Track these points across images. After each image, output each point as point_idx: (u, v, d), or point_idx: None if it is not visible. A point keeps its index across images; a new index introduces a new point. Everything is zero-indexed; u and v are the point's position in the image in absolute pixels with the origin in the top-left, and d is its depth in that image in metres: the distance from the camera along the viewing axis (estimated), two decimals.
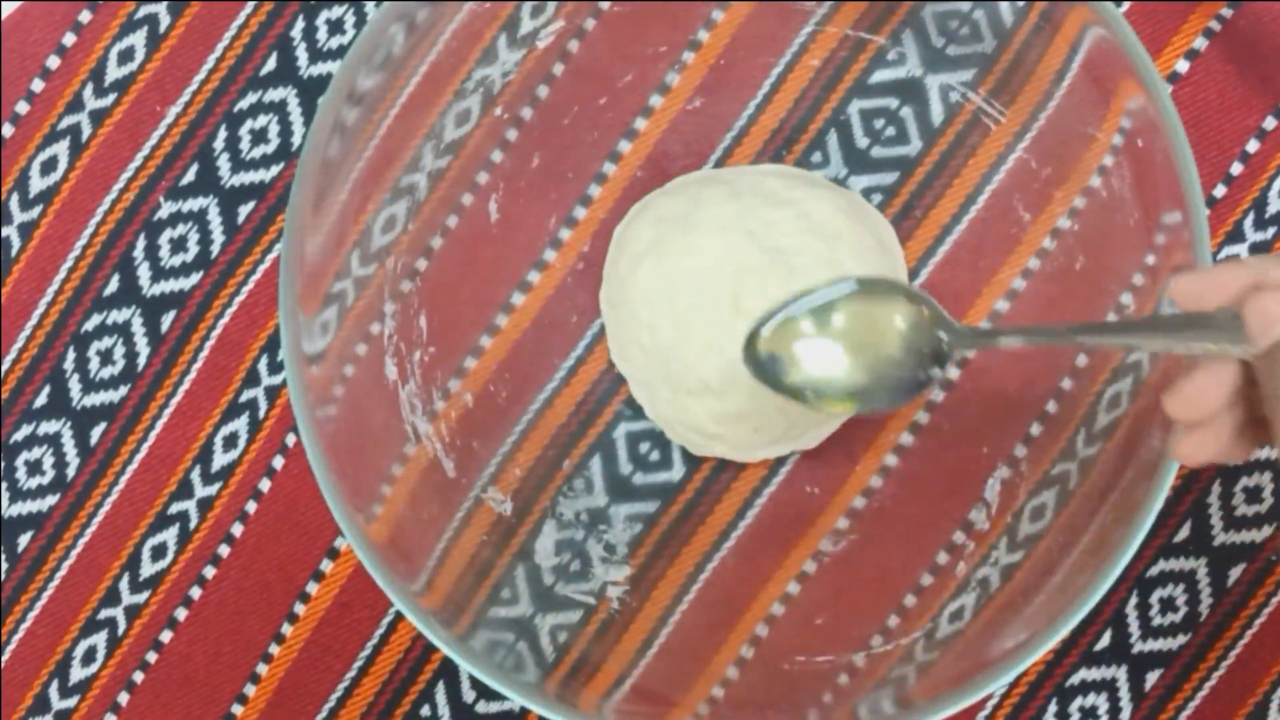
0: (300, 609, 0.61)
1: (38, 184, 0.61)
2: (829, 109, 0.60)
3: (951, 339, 0.52)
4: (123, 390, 0.61)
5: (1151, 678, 0.60)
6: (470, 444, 0.59)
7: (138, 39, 0.61)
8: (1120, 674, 0.60)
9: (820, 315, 0.52)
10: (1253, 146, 0.59)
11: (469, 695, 0.61)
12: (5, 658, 0.62)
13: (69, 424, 0.62)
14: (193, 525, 0.61)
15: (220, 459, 0.61)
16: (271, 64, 0.61)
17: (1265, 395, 0.43)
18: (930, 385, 0.52)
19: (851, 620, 0.58)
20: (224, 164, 0.61)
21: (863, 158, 0.60)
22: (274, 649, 0.61)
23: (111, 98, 0.61)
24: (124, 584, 0.62)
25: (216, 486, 0.61)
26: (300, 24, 0.61)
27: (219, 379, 0.61)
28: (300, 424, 0.51)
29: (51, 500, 0.62)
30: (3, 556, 0.62)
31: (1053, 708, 0.60)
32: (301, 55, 0.61)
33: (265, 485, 0.61)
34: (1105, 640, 0.60)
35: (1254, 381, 0.44)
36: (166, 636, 0.62)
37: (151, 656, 0.62)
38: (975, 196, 0.59)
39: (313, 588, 0.61)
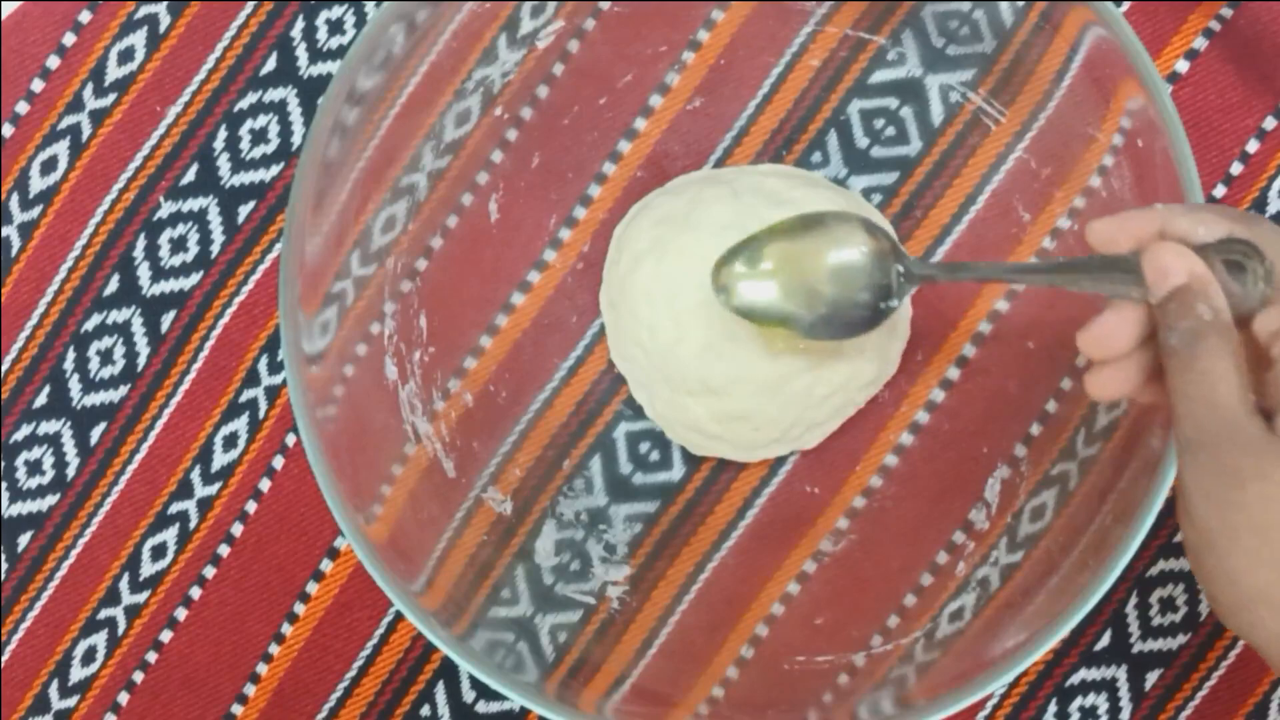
0: (300, 609, 0.61)
1: (38, 184, 0.61)
2: (829, 109, 0.60)
3: (906, 270, 0.53)
4: (123, 390, 0.61)
5: (1151, 678, 0.60)
6: (470, 444, 0.59)
7: (138, 39, 0.61)
8: (1120, 674, 0.60)
9: (781, 246, 0.54)
10: (1253, 146, 0.59)
11: (469, 695, 0.61)
12: (5, 658, 0.62)
13: (69, 424, 0.62)
14: (193, 525, 0.61)
15: (220, 459, 0.61)
16: (271, 64, 0.61)
17: (1160, 342, 0.45)
18: (887, 316, 0.54)
19: (851, 620, 0.58)
20: (224, 164, 0.61)
21: (863, 158, 0.60)
22: (274, 649, 0.61)
23: (111, 98, 0.61)
24: (124, 584, 0.62)
25: (216, 486, 0.61)
26: (300, 24, 0.61)
27: (219, 379, 0.61)
28: (300, 424, 0.51)
29: (51, 500, 0.62)
30: (3, 556, 0.62)
31: (1053, 708, 0.60)
32: (301, 55, 0.61)
33: (265, 485, 0.61)
34: (1105, 640, 0.60)
35: None
36: (166, 636, 0.62)
37: (151, 656, 0.62)
38: (975, 196, 0.59)
39: (313, 588, 0.61)
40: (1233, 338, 0.44)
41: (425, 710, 0.61)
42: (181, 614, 0.62)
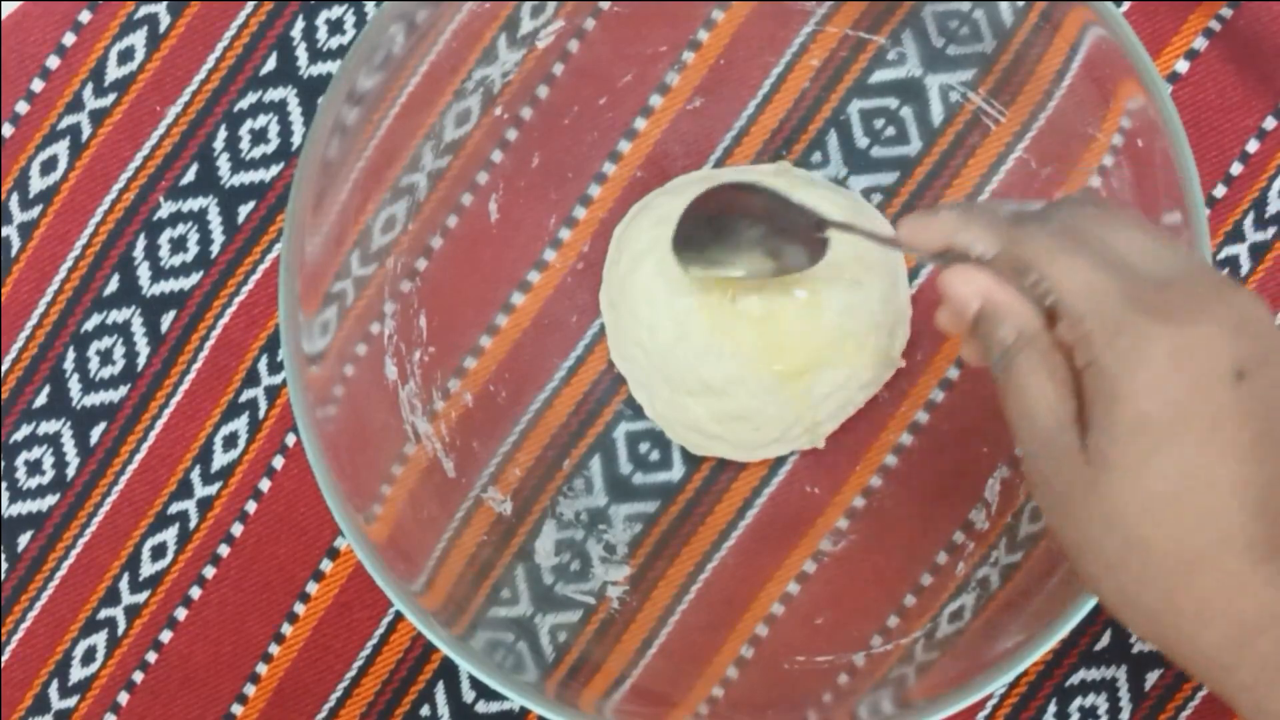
0: (300, 609, 0.61)
1: (38, 184, 0.61)
2: (829, 109, 0.60)
3: (813, 217, 0.53)
4: (123, 390, 0.61)
5: (1151, 677, 0.60)
6: (470, 444, 0.59)
7: (138, 39, 0.61)
8: (1120, 674, 0.60)
9: (709, 222, 0.55)
10: (1253, 146, 0.59)
11: (469, 695, 0.61)
12: (5, 658, 0.62)
13: (69, 424, 0.62)
14: (193, 525, 0.61)
15: (220, 459, 0.61)
16: (271, 64, 0.61)
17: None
18: (825, 248, 0.53)
19: (851, 620, 0.58)
20: (224, 164, 0.61)
21: (863, 158, 0.60)
22: (274, 649, 0.61)
23: (111, 98, 0.61)
24: (124, 584, 0.62)
25: (216, 486, 0.61)
26: (300, 24, 0.61)
27: (219, 379, 0.61)
28: (300, 424, 0.51)
29: (51, 500, 0.62)
30: (3, 556, 0.62)
31: (1052, 708, 0.60)
32: (301, 55, 0.61)
33: (265, 485, 0.61)
34: (1105, 640, 0.60)
35: None
36: (166, 636, 0.62)
37: (151, 656, 0.62)
38: (975, 196, 0.59)
39: (313, 588, 0.61)
40: (1044, 347, 0.43)
41: (425, 710, 0.61)
42: (181, 614, 0.62)
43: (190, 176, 0.61)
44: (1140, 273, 0.42)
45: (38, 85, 0.61)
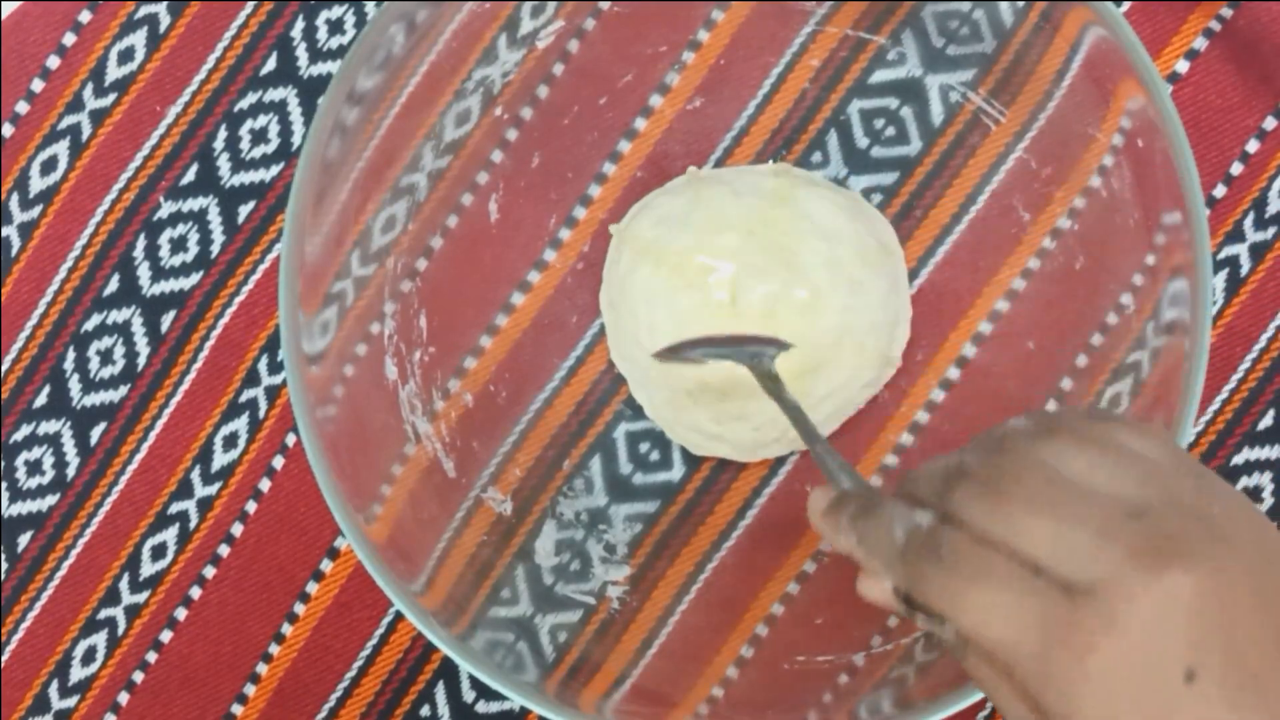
0: (300, 609, 0.61)
1: (38, 184, 0.62)
2: (829, 109, 0.60)
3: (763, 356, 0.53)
4: (123, 390, 0.61)
5: None
6: (470, 444, 0.59)
7: (138, 39, 0.61)
8: None
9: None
10: (1253, 146, 0.59)
11: (469, 695, 0.61)
12: (5, 658, 0.62)
13: (69, 424, 0.62)
14: (193, 525, 0.61)
15: (220, 459, 0.61)
16: (271, 64, 0.61)
17: None
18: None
19: (851, 620, 0.58)
20: (224, 164, 0.61)
21: (863, 158, 0.60)
22: (274, 649, 0.61)
23: (111, 98, 0.61)
24: (124, 584, 0.62)
25: (216, 486, 0.61)
26: (300, 24, 0.61)
27: (219, 379, 0.61)
28: (300, 424, 0.51)
29: (51, 500, 0.62)
30: (3, 556, 0.62)
31: None
32: (301, 55, 0.61)
33: (265, 485, 0.61)
34: None
35: None
36: (166, 636, 0.62)
37: (151, 656, 0.62)
38: (975, 196, 0.59)
39: (313, 588, 0.61)
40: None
41: (425, 710, 0.61)
42: (181, 614, 0.62)
43: (190, 176, 0.61)
44: (1059, 577, 0.38)
45: (38, 85, 0.61)
